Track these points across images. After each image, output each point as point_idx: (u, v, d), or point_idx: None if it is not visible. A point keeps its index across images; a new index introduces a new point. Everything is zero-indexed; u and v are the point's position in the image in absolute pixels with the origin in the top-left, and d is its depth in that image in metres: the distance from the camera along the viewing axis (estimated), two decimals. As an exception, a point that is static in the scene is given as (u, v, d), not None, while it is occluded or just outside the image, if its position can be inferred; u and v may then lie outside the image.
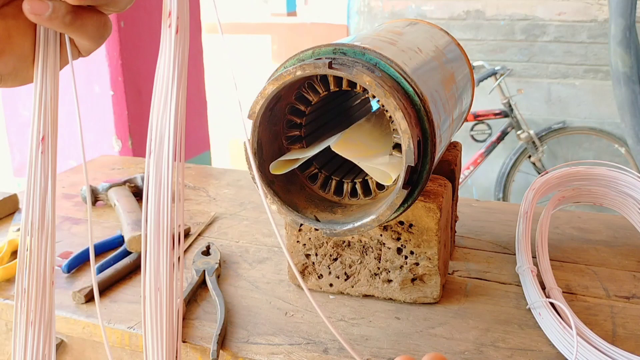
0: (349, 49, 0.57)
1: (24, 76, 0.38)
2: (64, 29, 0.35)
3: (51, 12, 0.34)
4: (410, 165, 0.52)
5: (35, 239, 0.38)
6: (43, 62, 0.37)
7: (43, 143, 0.37)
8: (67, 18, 0.35)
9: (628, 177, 0.78)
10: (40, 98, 0.37)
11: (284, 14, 4.00)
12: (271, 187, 0.59)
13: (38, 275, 0.38)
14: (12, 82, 0.38)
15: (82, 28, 0.36)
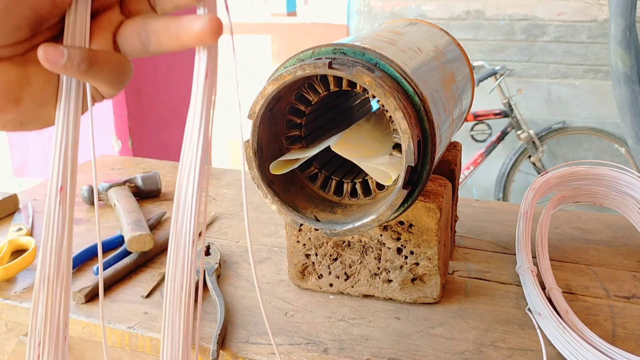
0: (349, 49, 0.57)
1: (46, 120, 0.37)
2: (80, 76, 0.34)
3: (66, 60, 0.33)
4: (410, 165, 0.52)
5: (50, 292, 0.37)
6: (64, 110, 0.36)
7: (61, 193, 0.37)
8: (83, 66, 0.34)
9: (628, 177, 0.78)
10: (59, 147, 0.36)
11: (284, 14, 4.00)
12: (271, 187, 0.59)
13: (51, 329, 0.37)
14: (34, 127, 0.37)
15: (100, 75, 0.35)
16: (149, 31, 0.35)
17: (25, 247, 0.79)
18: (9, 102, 0.34)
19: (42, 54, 0.33)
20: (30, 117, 0.36)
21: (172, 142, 1.84)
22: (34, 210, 0.95)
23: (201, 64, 0.35)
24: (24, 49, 0.35)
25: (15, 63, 0.34)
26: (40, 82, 0.35)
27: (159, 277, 0.74)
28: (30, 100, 0.35)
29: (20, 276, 0.74)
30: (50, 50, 0.33)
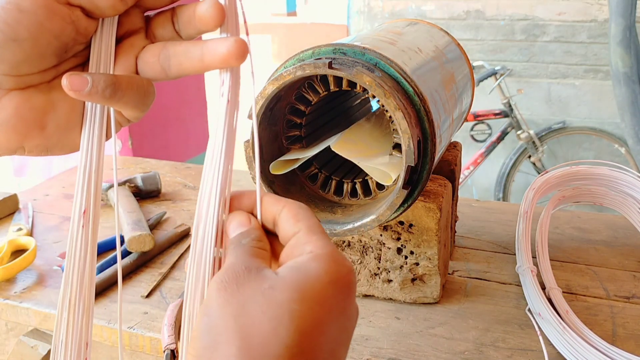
0: (349, 49, 0.57)
1: (72, 146, 0.37)
2: (105, 102, 0.34)
3: (90, 88, 0.33)
4: (410, 165, 0.52)
5: (72, 314, 0.37)
6: (89, 135, 0.37)
7: (84, 216, 0.37)
8: (108, 92, 0.34)
9: (628, 177, 0.78)
10: (84, 172, 0.37)
11: (284, 14, 4.00)
12: (271, 187, 0.59)
13: (72, 352, 0.37)
14: (59, 152, 0.37)
15: (124, 99, 0.35)
16: (169, 55, 0.35)
17: (25, 247, 0.79)
18: (34, 128, 0.35)
19: (67, 83, 0.33)
20: (55, 143, 0.36)
21: (172, 142, 1.84)
22: (34, 210, 0.95)
23: (224, 88, 0.35)
24: (50, 76, 0.35)
25: (41, 90, 0.35)
26: (66, 109, 0.36)
27: (159, 277, 0.74)
28: (55, 127, 0.36)
29: (20, 276, 0.74)
30: (74, 79, 0.33)
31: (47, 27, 0.32)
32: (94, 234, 0.37)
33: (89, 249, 0.37)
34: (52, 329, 0.68)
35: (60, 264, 0.77)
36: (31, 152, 0.36)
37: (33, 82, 0.34)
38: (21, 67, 0.33)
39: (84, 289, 0.37)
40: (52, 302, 0.69)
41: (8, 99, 0.34)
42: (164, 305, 0.68)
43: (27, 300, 0.69)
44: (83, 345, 0.38)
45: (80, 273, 0.37)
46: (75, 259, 0.37)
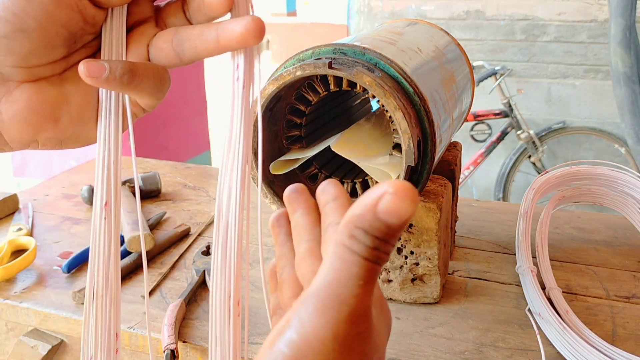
0: (349, 49, 0.57)
1: (86, 138, 0.37)
2: (122, 89, 0.34)
3: (108, 74, 0.33)
4: (410, 165, 0.52)
5: (100, 306, 0.37)
6: (105, 127, 0.36)
7: (106, 209, 0.37)
8: (125, 78, 0.33)
9: (628, 177, 0.78)
10: (103, 164, 0.37)
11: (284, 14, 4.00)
12: (271, 187, 0.59)
13: (102, 342, 0.38)
14: (73, 145, 0.37)
15: (141, 86, 0.34)
16: (183, 39, 0.35)
17: (25, 247, 0.79)
18: (47, 120, 0.35)
19: (84, 69, 0.33)
20: (68, 135, 0.36)
21: (172, 142, 1.84)
22: (34, 210, 0.95)
23: (239, 71, 0.35)
24: (61, 68, 0.35)
25: (53, 83, 0.35)
26: (79, 101, 0.36)
27: (159, 277, 0.74)
28: (68, 119, 0.35)
29: (20, 276, 0.74)
30: (92, 65, 0.33)
31: (55, 16, 0.32)
32: (116, 226, 0.38)
33: (112, 241, 0.37)
34: (52, 329, 0.69)
35: (61, 264, 0.77)
36: (45, 145, 0.36)
37: (44, 74, 0.34)
38: (31, 58, 0.33)
39: (110, 281, 0.37)
40: (52, 302, 0.69)
41: (20, 91, 0.34)
42: (164, 305, 0.68)
43: (27, 300, 0.69)
44: (113, 337, 0.38)
45: (105, 265, 0.37)
46: (99, 252, 0.37)
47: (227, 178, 0.35)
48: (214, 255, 0.35)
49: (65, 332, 0.68)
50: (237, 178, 0.35)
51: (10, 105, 0.34)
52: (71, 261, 0.75)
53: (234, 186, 0.35)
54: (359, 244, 0.25)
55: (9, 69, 0.33)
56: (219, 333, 0.36)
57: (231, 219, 0.35)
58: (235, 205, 0.35)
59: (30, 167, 1.79)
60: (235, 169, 0.35)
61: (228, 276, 0.35)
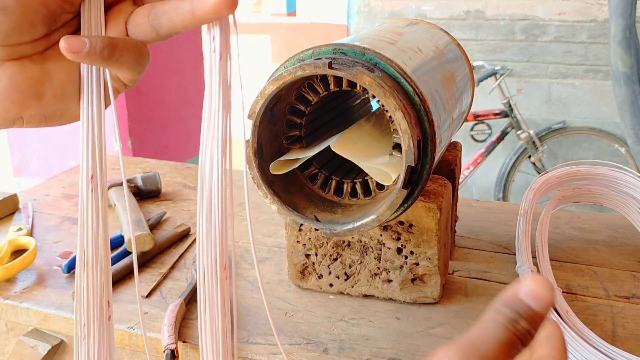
0: (349, 49, 0.57)
1: (70, 115, 0.38)
2: (103, 63, 0.35)
3: (88, 49, 0.34)
4: (410, 165, 0.52)
5: (90, 275, 0.38)
6: (88, 101, 0.37)
7: (92, 182, 0.38)
8: (105, 52, 0.34)
9: (628, 177, 0.78)
10: (87, 137, 0.38)
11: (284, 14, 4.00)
12: (271, 187, 0.59)
13: (95, 309, 0.39)
14: (57, 122, 0.38)
15: (121, 60, 0.35)
16: (159, 13, 0.35)
17: (25, 247, 0.79)
18: (31, 97, 0.36)
19: (65, 44, 0.34)
20: (52, 112, 0.37)
21: (172, 142, 1.84)
22: (34, 210, 0.95)
23: (215, 43, 0.35)
24: (42, 46, 0.36)
25: (35, 61, 0.36)
26: (61, 78, 0.37)
27: (159, 277, 0.74)
28: (51, 96, 0.36)
29: (20, 276, 0.74)
30: (72, 41, 0.34)
31: None
32: (103, 198, 0.39)
33: (100, 212, 0.38)
34: (52, 329, 0.68)
35: (61, 264, 0.77)
36: (30, 122, 0.37)
37: (26, 52, 0.35)
38: (11, 36, 0.33)
39: (100, 250, 0.38)
40: (52, 302, 0.69)
41: (2, 70, 0.35)
42: (164, 305, 0.68)
43: (27, 300, 0.69)
44: (105, 304, 0.39)
45: (94, 235, 0.38)
46: (87, 223, 0.38)
47: (209, 148, 0.36)
48: (199, 220, 0.36)
49: (65, 332, 0.68)
50: (218, 147, 0.36)
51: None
52: (71, 261, 0.75)
53: (215, 156, 0.36)
54: (503, 314, 0.29)
55: None
56: (208, 298, 0.37)
57: (214, 185, 0.36)
58: (217, 171, 0.36)
59: (30, 167, 1.79)
60: (215, 138, 0.36)
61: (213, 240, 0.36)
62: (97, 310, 0.39)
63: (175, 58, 1.74)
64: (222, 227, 0.37)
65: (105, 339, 0.39)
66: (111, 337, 0.40)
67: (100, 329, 0.39)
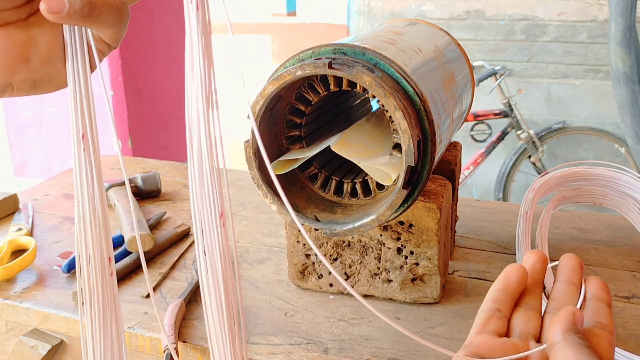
0: (349, 49, 0.57)
1: (59, 80, 0.39)
2: (83, 21, 0.36)
3: (68, 8, 0.35)
4: (410, 165, 0.52)
5: (90, 233, 0.39)
6: (73, 63, 0.38)
7: (84, 141, 0.39)
8: (85, 9, 0.35)
9: (628, 177, 0.78)
10: (75, 97, 0.38)
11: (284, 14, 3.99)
12: (271, 187, 0.59)
13: (96, 267, 0.40)
14: (47, 88, 0.39)
15: (101, 17, 0.36)
16: None
17: (25, 247, 0.79)
18: (18, 61, 0.37)
19: (45, 6, 0.35)
20: (41, 76, 0.38)
21: (172, 142, 1.84)
22: (34, 210, 0.95)
23: None
24: (25, 13, 0.37)
25: (20, 27, 0.37)
26: (46, 42, 0.38)
27: (159, 277, 0.74)
28: (38, 59, 0.37)
29: (20, 276, 0.74)
30: (52, 2, 0.35)
31: None
32: (96, 156, 0.39)
33: (94, 169, 0.39)
34: (52, 329, 0.68)
35: (61, 264, 0.77)
36: (20, 89, 0.38)
37: (9, 18, 0.36)
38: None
39: (97, 208, 0.39)
40: (52, 302, 0.69)
41: None
42: (164, 305, 0.68)
43: (27, 300, 0.69)
44: (106, 259, 0.39)
45: (90, 193, 0.39)
46: (82, 182, 0.39)
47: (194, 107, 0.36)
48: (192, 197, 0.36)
49: (65, 332, 0.68)
50: (203, 104, 0.36)
51: None
52: (71, 261, 0.75)
53: (201, 112, 0.36)
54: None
55: None
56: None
57: (204, 155, 0.36)
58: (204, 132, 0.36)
59: (30, 167, 1.79)
60: (199, 96, 0.36)
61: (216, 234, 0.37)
62: (99, 266, 0.39)
63: (175, 58, 1.74)
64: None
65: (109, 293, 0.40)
66: (115, 294, 0.41)
67: (104, 284, 0.40)
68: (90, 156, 0.39)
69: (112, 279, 0.41)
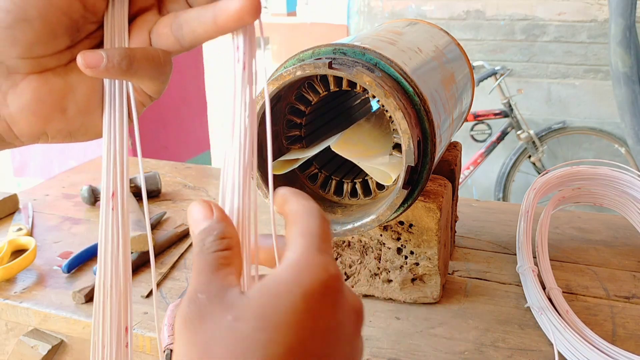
0: (349, 49, 0.57)
1: (95, 131, 0.37)
2: (122, 76, 0.34)
3: (106, 63, 0.33)
4: (410, 165, 0.52)
5: (108, 298, 0.37)
6: (110, 116, 0.36)
7: (113, 199, 0.37)
8: (124, 64, 0.33)
9: (628, 177, 0.78)
10: (108, 154, 0.36)
11: (284, 14, 4.00)
12: (271, 187, 0.59)
13: (112, 335, 0.37)
14: (83, 138, 0.37)
15: (141, 71, 0.34)
16: (181, 23, 0.34)
17: (25, 247, 0.79)
18: (55, 111, 0.35)
19: (82, 60, 0.33)
20: (77, 127, 0.36)
21: (172, 142, 1.84)
22: (34, 210, 0.95)
23: (239, 53, 0.34)
24: (66, 59, 0.35)
25: (58, 74, 0.35)
26: (84, 91, 0.36)
27: (159, 277, 0.74)
28: (75, 110, 0.35)
29: (20, 276, 0.74)
30: (89, 56, 0.33)
31: (55, 3, 0.32)
32: (124, 216, 0.37)
33: (120, 232, 0.37)
34: (52, 329, 0.68)
35: (61, 264, 0.77)
36: (55, 138, 0.36)
37: (49, 65, 0.34)
38: (35, 48, 0.33)
39: (119, 273, 0.37)
40: (52, 302, 0.69)
41: (26, 83, 0.34)
42: (164, 305, 0.68)
43: (27, 300, 0.69)
44: (122, 330, 0.37)
45: (114, 258, 0.37)
46: (107, 243, 0.37)
47: (231, 168, 0.34)
48: None
49: (65, 332, 0.68)
50: (240, 180, 0.35)
51: (18, 98, 0.34)
52: (71, 261, 0.75)
53: (236, 179, 0.35)
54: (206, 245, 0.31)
55: (14, 60, 0.33)
56: None
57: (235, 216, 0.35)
58: (239, 200, 0.35)
59: (30, 167, 1.79)
60: (239, 159, 0.34)
61: None
62: (115, 337, 0.37)
63: (175, 58, 1.74)
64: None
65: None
66: None
67: (117, 355, 0.38)
68: (118, 216, 0.37)
69: (128, 350, 0.38)
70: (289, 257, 0.28)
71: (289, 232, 0.31)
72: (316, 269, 0.27)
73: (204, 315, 0.27)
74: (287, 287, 0.27)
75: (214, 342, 0.26)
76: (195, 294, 0.28)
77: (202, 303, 0.27)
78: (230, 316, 0.26)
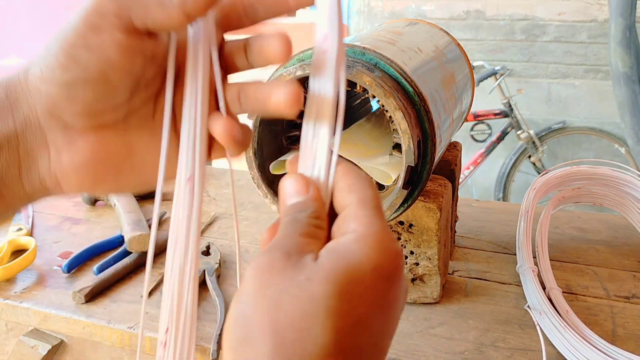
0: (349, 49, 0.57)
1: (143, 188, 0.37)
2: (239, 148, 0.35)
3: (242, 137, 0.34)
4: (410, 165, 0.52)
5: (179, 281, 0.37)
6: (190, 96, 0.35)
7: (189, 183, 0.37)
8: (246, 142, 0.35)
9: (628, 177, 0.78)
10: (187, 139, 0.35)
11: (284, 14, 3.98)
12: (271, 187, 0.59)
13: (178, 322, 0.36)
14: (129, 192, 0.38)
15: (245, 143, 0.35)
16: (247, 94, 0.35)
17: (25, 247, 0.79)
18: (110, 173, 0.34)
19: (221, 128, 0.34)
20: (130, 188, 0.36)
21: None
22: (34, 210, 0.95)
23: None
24: (124, 111, 0.33)
25: (118, 130, 0.33)
26: (141, 150, 0.35)
27: (159, 277, 0.74)
28: (130, 171, 0.35)
29: (20, 276, 0.74)
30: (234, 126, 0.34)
31: (117, 63, 0.30)
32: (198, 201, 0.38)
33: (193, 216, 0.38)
34: (52, 329, 0.68)
35: (61, 264, 0.77)
36: (101, 193, 0.36)
37: (107, 119, 0.33)
38: (94, 105, 0.32)
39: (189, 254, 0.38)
40: (52, 302, 0.69)
41: (84, 142, 0.33)
42: (164, 305, 0.68)
43: (27, 300, 0.69)
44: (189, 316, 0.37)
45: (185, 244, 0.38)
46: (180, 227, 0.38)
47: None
48: None
49: (65, 332, 0.68)
50: None
51: (73, 156, 0.33)
52: (71, 261, 0.75)
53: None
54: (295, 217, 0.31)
55: (71, 117, 0.32)
56: None
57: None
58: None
59: (30, 167, 1.78)
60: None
61: None
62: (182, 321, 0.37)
63: (175, 58, 1.74)
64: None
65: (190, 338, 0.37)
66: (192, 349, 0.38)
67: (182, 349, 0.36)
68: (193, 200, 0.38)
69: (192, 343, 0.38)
70: (356, 229, 0.29)
71: (345, 198, 0.31)
72: (388, 245, 0.28)
73: (277, 270, 0.27)
74: (359, 260, 0.27)
75: (285, 295, 0.26)
76: (275, 250, 0.28)
77: (277, 258, 0.28)
78: (303, 276, 0.27)
